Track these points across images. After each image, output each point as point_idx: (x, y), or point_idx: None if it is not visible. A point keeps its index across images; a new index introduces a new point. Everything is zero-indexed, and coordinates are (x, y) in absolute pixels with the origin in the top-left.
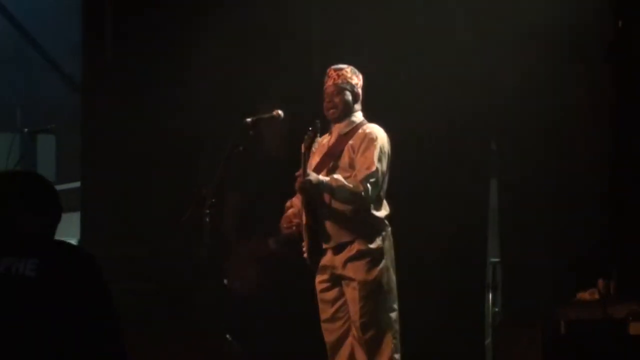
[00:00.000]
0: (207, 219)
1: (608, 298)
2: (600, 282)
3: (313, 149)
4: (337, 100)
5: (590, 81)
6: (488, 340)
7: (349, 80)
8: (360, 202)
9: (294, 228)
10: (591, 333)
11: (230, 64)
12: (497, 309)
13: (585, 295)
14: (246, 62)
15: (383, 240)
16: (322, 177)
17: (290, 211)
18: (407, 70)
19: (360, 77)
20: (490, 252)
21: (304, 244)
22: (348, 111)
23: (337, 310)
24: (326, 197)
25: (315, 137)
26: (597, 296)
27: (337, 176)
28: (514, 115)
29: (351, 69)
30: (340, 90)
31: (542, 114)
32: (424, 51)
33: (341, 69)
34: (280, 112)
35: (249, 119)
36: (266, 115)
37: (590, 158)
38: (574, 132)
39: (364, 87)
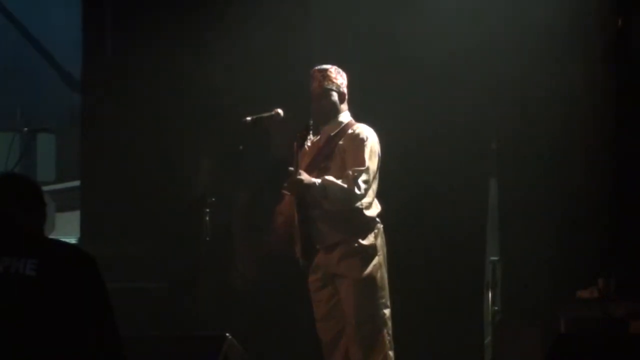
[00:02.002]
0: (207, 217)
1: (608, 296)
2: (600, 281)
3: (305, 147)
4: (324, 102)
5: (590, 81)
6: (488, 339)
7: (334, 80)
8: (352, 202)
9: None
10: (591, 332)
11: (232, 63)
12: (497, 308)
13: (585, 293)
14: (248, 61)
15: (375, 237)
16: (314, 180)
17: (279, 221)
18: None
19: (345, 75)
20: (490, 251)
21: (297, 245)
22: (335, 112)
23: (331, 309)
24: (319, 194)
25: (307, 135)
26: (597, 295)
27: (329, 177)
28: (513, 114)
29: (335, 69)
30: (326, 91)
31: (542, 113)
32: (423, 51)
33: (325, 70)
34: (280, 111)
35: (248, 118)
36: (266, 115)
37: (591, 157)
38: (574, 132)
39: (349, 86)
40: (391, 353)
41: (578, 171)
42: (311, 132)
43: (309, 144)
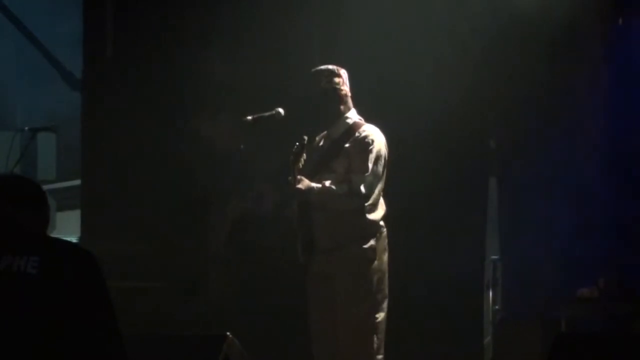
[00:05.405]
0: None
1: (609, 296)
2: (601, 280)
3: (301, 162)
4: (322, 104)
5: (590, 81)
6: (488, 338)
7: (331, 81)
8: (353, 206)
9: None
10: (592, 331)
11: (233, 62)
12: (497, 307)
13: (585, 293)
14: (248, 61)
15: (377, 241)
16: (314, 185)
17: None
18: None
19: (343, 74)
20: (490, 250)
21: (297, 243)
22: (338, 113)
23: (326, 309)
24: (319, 200)
25: (302, 153)
26: (597, 294)
27: (328, 183)
28: (513, 113)
29: (330, 70)
30: (323, 94)
31: (542, 113)
32: (422, 49)
33: (321, 72)
34: (280, 110)
35: (249, 117)
36: (267, 114)
37: (590, 156)
38: (573, 131)
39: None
40: (380, 357)
41: (578, 169)
42: (304, 151)
43: (302, 162)
